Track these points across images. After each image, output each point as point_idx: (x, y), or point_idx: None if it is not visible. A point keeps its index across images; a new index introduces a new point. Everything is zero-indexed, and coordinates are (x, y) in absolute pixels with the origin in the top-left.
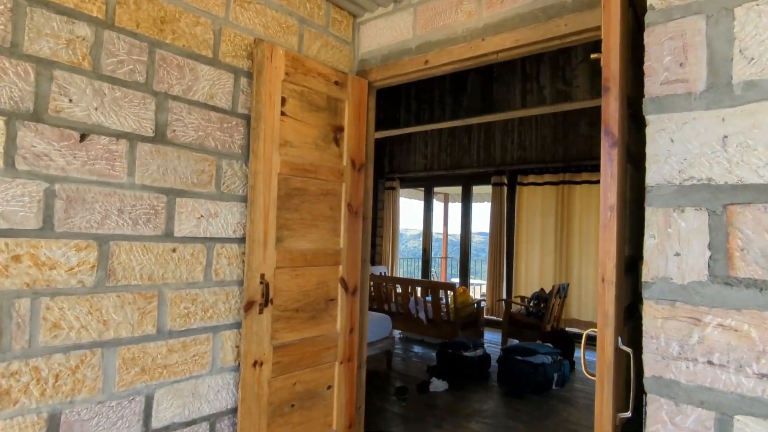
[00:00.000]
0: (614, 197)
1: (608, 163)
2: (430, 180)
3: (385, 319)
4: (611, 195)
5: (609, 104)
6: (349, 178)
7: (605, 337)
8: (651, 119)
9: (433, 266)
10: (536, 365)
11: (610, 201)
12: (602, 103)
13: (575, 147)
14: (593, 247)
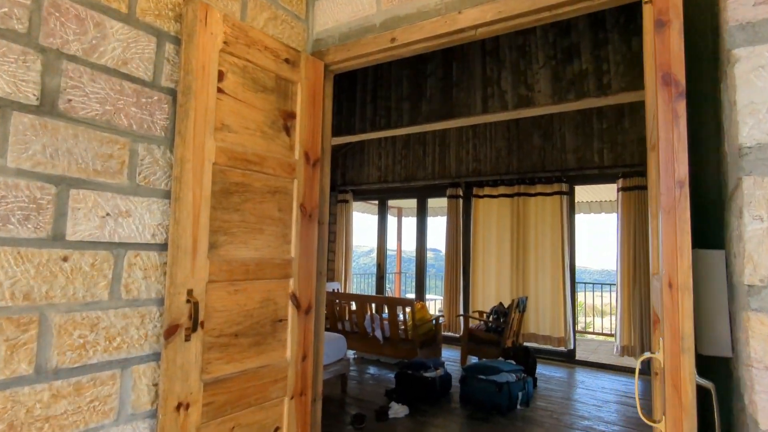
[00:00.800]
0: (685, 168)
1: (672, 122)
2: (384, 193)
3: (340, 340)
4: (680, 166)
5: (670, 43)
6: (302, 174)
7: (682, 367)
8: (741, 54)
9: (387, 282)
10: (500, 384)
11: (679, 174)
12: (656, 43)
13: (529, 159)
14: (549, 259)
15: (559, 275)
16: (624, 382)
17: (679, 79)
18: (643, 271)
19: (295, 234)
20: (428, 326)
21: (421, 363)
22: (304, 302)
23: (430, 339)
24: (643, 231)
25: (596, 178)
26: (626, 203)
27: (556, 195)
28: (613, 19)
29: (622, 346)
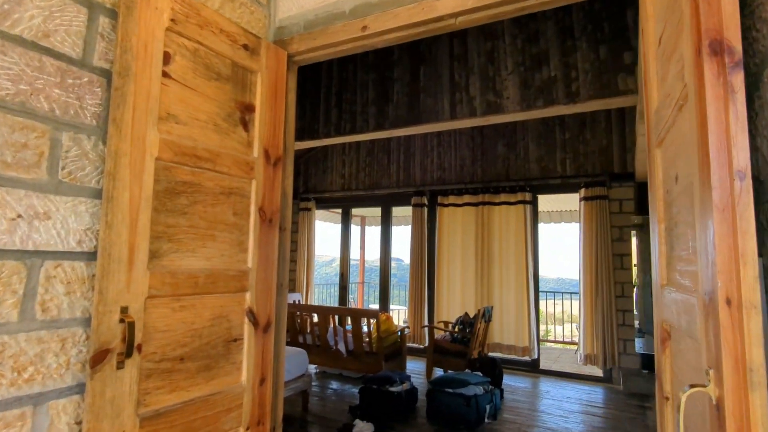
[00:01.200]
0: (746, 155)
1: (727, 98)
2: (348, 201)
3: (301, 354)
4: (740, 152)
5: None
6: (262, 174)
7: (751, 409)
8: None
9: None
10: (468, 398)
11: (739, 162)
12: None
13: (493, 168)
14: (513, 268)
15: (523, 284)
16: (588, 391)
17: (734, 45)
18: (604, 280)
19: (253, 241)
20: (393, 338)
21: (387, 377)
22: (262, 318)
23: (395, 351)
24: (605, 240)
25: (559, 188)
26: (588, 213)
27: (519, 204)
28: (580, 26)
29: (586, 354)
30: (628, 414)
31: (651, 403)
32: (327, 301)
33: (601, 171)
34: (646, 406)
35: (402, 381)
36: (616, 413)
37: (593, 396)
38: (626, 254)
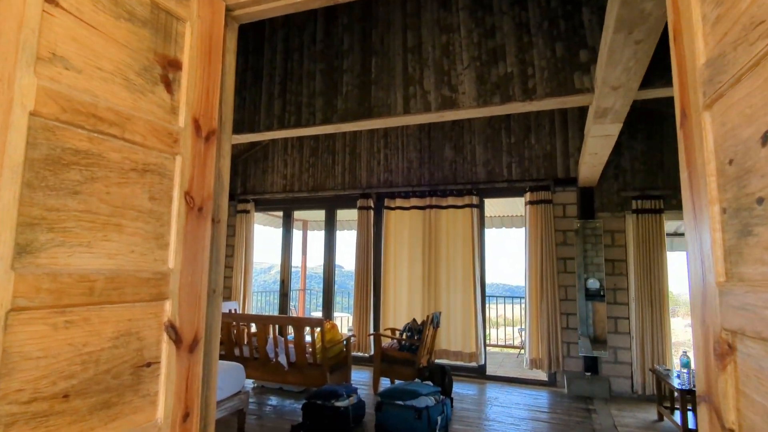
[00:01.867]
0: None
1: None
2: (289, 203)
3: (237, 369)
4: None
5: None
6: (190, 149)
7: None
8: None
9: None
10: (420, 410)
11: None
12: None
13: (441, 171)
14: (460, 273)
15: (470, 289)
16: (534, 395)
17: None
18: (550, 285)
19: (177, 235)
20: (339, 348)
21: (332, 391)
22: (187, 334)
23: (340, 362)
24: (549, 244)
25: (505, 192)
26: (533, 217)
27: (467, 208)
28: (537, 22)
29: (531, 359)
30: (575, 418)
31: (595, 405)
32: (266, 309)
33: (546, 176)
34: (591, 409)
35: (348, 394)
36: (564, 418)
37: (540, 401)
38: (570, 258)
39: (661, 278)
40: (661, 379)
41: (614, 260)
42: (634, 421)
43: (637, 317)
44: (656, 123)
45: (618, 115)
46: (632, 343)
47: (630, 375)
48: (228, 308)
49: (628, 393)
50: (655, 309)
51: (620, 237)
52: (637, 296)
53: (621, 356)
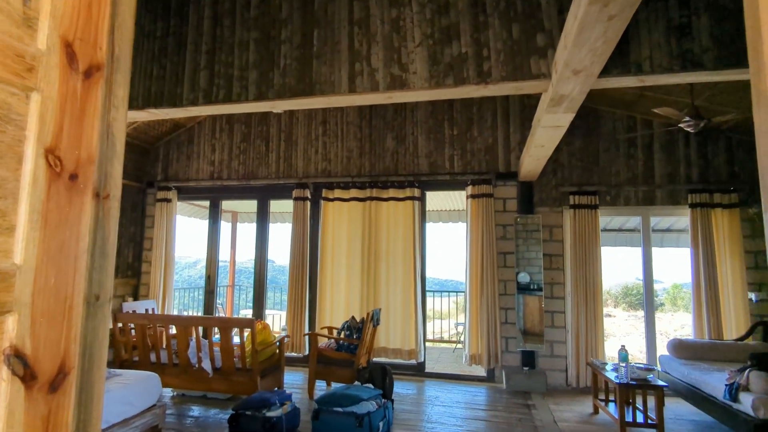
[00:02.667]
0: None
1: None
2: (217, 192)
3: (150, 380)
4: None
5: None
6: (57, 86)
7: None
8: None
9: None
10: (361, 417)
11: None
12: None
13: (382, 162)
14: (401, 268)
15: (410, 285)
16: (474, 392)
17: None
18: (490, 279)
19: (30, 213)
20: (271, 350)
21: (263, 399)
22: (47, 365)
23: (272, 366)
24: (490, 238)
25: (447, 185)
26: (475, 210)
27: (408, 200)
28: (493, 2)
29: (471, 354)
30: (516, 415)
31: (533, 400)
32: (191, 307)
33: (488, 169)
34: (530, 405)
35: (282, 402)
36: (506, 415)
37: (480, 398)
38: (509, 252)
39: (595, 273)
40: (597, 372)
41: (552, 255)
42: (572, 416)
43: (572, 311)
44: (593, 120)
45: (573, 104)
46: (567, 337)
47: (565, 368)
48: (144, 308)
49: (563, 386)
50: (590, 303)
51: (558, 232)
52: (573, 290)
53: (557, 350)
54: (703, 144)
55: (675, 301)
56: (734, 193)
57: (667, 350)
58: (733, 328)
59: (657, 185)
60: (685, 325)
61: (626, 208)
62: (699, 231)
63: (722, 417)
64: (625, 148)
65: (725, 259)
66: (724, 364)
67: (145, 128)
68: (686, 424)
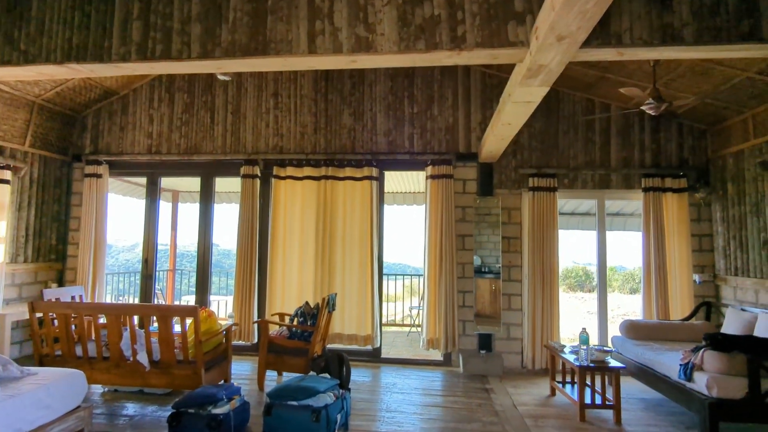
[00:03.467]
0: None
1: None
2: (155, 168)
3: (74, 378)
4: None
5: None
6: None
7: None
8: None
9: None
10: (318, 410)
11: None
12: None
13: (338, 139)
14: (357, 251)
15: (367, 268)
16: (431, 377)
17: None
18: (448, 262)
19: None
20: (217, 340)
21: (208, 394)
22: None
23: (218, 357)
24: (449, 220)
25: (406, 164)
26: (434, 191)
27: (366, 180)
28: None
29: (428, 339)
30: (476, 400)
31: (491, 383)
32: (127, 293)
33: (448, 149)
34: (488, 389)
35: (230, 397)
36: (465, 401)
37: (437, 383)
38: (468, 235)
39: (552, 255)
40: (555, 355)
41: (510, 238)
42: (530, 398)
43: (529, 294)
44: (554, 102)
45: (549, 76)
46: (524, 320)
47: (521, 351)
48: (70, 295)
49: (519, 369)
50: (546, 286)
51: (516, 214)
52: (530, 273)
53: (513, 333)
54: (657, 130)
55: (610, 283)
56: (683, 178)
57: (620, 331)
58: (679, 308)
59: (613, 169)
60: (621, 305)
61: (583, 191)
62: (651, 214)
63: (676, 396)
64: (584, 131)
65: (674, 242)
66: (674, 343)
67: (71, 94)
68: (637, 402)
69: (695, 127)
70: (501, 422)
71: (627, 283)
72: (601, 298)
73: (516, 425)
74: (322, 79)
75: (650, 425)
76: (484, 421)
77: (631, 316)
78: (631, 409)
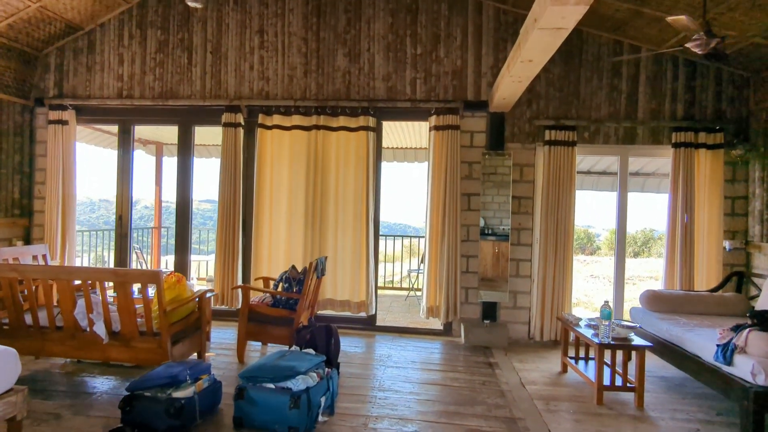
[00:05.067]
0: None
1: None
2: (128, 114)
3: (3, 357)
4: None
5: None
6: None
7: None
8: None
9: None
10: (297, 396)
11: None
12: None
13: (331, 84)
14: (351, 210)
15: (361, 229)
16: (430, 349)
17: None
18: (452, 224)
19: None
20: (187, 309)
21: (169, 375)
22: None
23: (189, 327)
24: (454, 177)
25: (407, 114)
26: (438, 144)
27: (361, 130)
28: None
29: (428, 306)
30: (479, 377)
31: (495, 357)
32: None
33: (454, 97)
34: (492, 363)
35: (196, 377)
36: (468, 377)
37: (437, 355)
38: (475, 194)
39: (567, 218)
40: (569, 328)
41: (521, 197)
42: (539, 376)
43: (540, 259)
44: (575, 44)
45: None
46: (533, 287)
47: (528, 321)
48: (32, 254)
49: (525, 340)
50: (560, 251)
51: (529, 172)
52: (542, 237)
53: (521, 301)
54: (692, 77)
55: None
56: (719, 133)
57: (641, 302)
58: (704, 277)
59: (640, 121)
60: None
61: (605, 146)
62: (680, 173)
63: (708, 379)
64: (609, 78)
65: (703, 205)
66: (703, 318)
67: (26, 27)
68: (657, 381)
69: (737, 75)
70: (508, 405)
71: (629, 246)
72: (619, 266)
73: (525, 409)
74: (314, 14)
75: (675, 410)
76: (488, 403)
77: (636, 281)
78: (651, 390)
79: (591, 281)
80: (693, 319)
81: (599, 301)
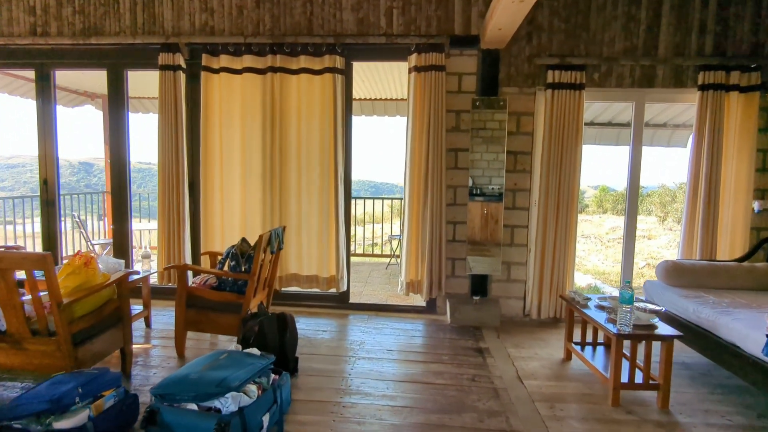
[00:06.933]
0: None
1: None
2: (44, 57)
3: None
4: None
5: None
6: None
7: None
8: None
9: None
10: (225, 421)
11: None
12: None
13: (289, 16)
14: (317, 170)
15: (330, 192)
16: (410, 331)
17: None
18: (437, 184)
19: None
20: (100, 298)
21: (48, 399)
22: None
23: (105, 320)
24: (438, 129)
25: (383, 52)
26: (420, 88)
27: (327, 73)
28: None
29: (408, 281)
30: (469, 369)
31: (486, 341)
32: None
33: (439, 31)
34: (483, 349)
35: (94, 395)
36: (454, 370)
37: (418, 340)
38: (463, 149)
39: (572, 177)
40: (575, 310)
41: (517, 153)
42: (539, 366)
43: (539, 226)
44: None
45: None
46: (530, 257)
47: (523, 296)
48: None
49: (519, 317)
50: (562, 216)
51: (527, 122)
52: (542, 199)
53: (515, 273)
54: (725, 4)
55: (601, 204)
56: (756, 72)
57: (657, 275)
58: (727, 243)
59: (661, 59)
60: (616, 228)
61: (618, 90)
62: (707, 120)
63: (751, 376)
64: (625, 5)
65: (732, 158)
66: (734, 294)
67: None
68: (678, 369)
69: None
70: (504, 411)
71: (618, 204)
72: (629, 231)
73: (525, 416)
74: None
75: (707, 411)
76: (480, 409)
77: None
78: (674, 382)
79: (583, 241)
80: (723, 296)
81: (591, 263)
